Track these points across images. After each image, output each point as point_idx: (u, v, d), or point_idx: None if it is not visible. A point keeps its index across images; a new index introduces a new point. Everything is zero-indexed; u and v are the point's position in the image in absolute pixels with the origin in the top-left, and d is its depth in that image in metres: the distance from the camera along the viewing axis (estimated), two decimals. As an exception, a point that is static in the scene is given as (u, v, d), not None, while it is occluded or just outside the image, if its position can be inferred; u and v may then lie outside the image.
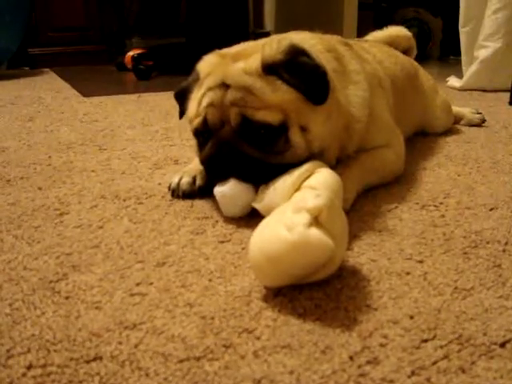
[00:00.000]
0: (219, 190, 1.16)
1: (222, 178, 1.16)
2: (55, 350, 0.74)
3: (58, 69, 4.03)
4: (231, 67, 1.17)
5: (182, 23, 4.32)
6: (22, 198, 1.33)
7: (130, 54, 3.71)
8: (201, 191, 1.31)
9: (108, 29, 4.39)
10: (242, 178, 1.14)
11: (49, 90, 3.09)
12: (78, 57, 4.35)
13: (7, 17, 3.46)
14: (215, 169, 1.19)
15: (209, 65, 1.25)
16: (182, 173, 1.36)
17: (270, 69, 1.13)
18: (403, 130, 1.76)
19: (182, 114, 1.35)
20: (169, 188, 1.35)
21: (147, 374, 0.70)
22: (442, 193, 1.36)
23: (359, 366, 0.71)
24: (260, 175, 1.13)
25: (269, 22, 4.83)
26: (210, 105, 1.16)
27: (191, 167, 1.37)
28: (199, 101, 1.20)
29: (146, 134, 2.00)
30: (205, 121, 1.18)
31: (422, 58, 4.45)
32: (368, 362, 0.72)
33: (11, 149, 1.79)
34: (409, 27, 4.57)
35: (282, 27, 1.45)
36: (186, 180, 1.33)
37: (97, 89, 3.11)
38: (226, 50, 1.30)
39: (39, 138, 1.95)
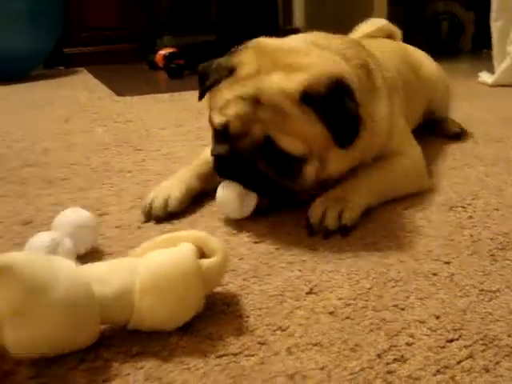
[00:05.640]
0: (224, 194, 1.19)
1: (229, 179, 1.19)
2: (103, 345, 0.79)
3: (92, 68, 4.13)
4: (268, 82, 1.12)
5: (213, 20, 4.36)
6: (64, 199, 1.40)
7: (162, 52, 3.78)
8: (172, 216, 1.25)
9: (140, 27, 4.47)
10: (249, 188, 1.18)
11: (83, 90, 3.18)
12: (111, 56, 4.45)
13: (43, 18, 3.56)
14: (224, 169, 1.21)
15: (249, 62, 1.16)
16: (155, 192, 1.30)
17: (308, 99, 1.09)
18: (411, 121, 1.68)
19: (202, 95, 1.30)
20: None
21: (188, 369, 0.75)
22: (470, 194, 1.38)
23: (387, 364, 0.75)
24: (266, 191, 1.19)
25: (298, 18, 4.85)
26: (237, 116, 1.13)
27: (166, 185, 1.33)
28: (226, 102, 1.16)
29: (179, 135, 2.05)
30: (226, 126, 1.15)
31: (454, 51, 4.43)
32: (395, 360, 0.76)
33: (52, 150, 1.87)
34: (440, 21, 4.55)
35: (312, 23, 1.48)
36: (158, 204, 1.26)
37: (130, 88, 3.18)
38: (274, 44, 1.22)
39: (77, 138, 2.03)
